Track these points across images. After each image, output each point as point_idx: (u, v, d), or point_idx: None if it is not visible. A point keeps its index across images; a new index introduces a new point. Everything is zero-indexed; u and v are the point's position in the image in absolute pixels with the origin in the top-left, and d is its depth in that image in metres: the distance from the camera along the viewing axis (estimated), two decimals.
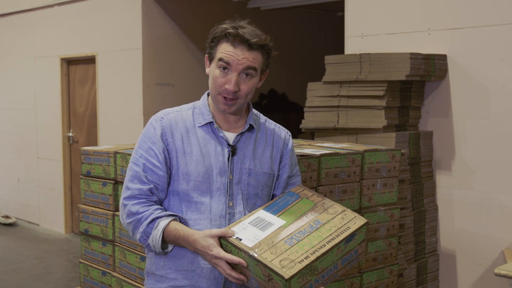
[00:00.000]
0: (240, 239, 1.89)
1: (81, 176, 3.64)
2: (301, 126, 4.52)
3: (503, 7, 3.97)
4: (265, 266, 1.80)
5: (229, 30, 2.02)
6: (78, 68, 7.35)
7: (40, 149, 7.87)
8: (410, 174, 4.16)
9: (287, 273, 1.77)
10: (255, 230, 1.93)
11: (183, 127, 2.10)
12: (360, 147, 3.39)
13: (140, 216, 2.02)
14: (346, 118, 4.24)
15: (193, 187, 2.06)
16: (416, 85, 4.32)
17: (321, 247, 1.87)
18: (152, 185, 2.05)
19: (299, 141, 3.83)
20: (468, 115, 4.19)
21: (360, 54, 4.20)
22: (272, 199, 2.21)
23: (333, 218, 2.00)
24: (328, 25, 8.22)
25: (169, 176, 2.08)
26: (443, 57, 4.23)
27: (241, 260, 1.85)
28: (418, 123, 4.45)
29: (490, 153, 4.07)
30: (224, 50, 2.02)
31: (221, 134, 2.10)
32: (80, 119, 7.38)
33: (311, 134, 4.70)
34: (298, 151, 3.11)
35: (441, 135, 4.36)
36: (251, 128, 2.17)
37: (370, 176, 3.29)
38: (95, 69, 6.92)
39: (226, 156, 2.10)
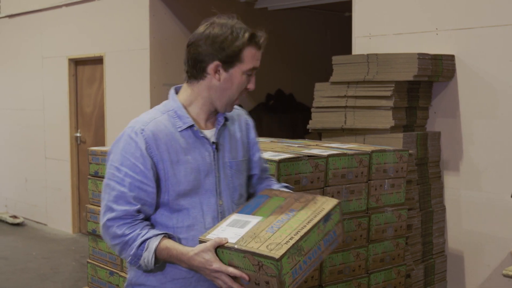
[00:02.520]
0: None
1: (89, 176, 3.65)
2: (308, 126, 4.52)
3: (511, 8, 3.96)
4: (253, 254, 1.81)
5: (256, 34, 2.03)
6: (85, 69, 7.37)
7: (48, 149, 7.89)
8: (417, 175, 4.14)
9: (277, 253, 1.79)
10: (235, 229, 1.93)
11: (165, 135, 1.99)
12: (368, 148, 3.38)
13: (127, 238, 1.93)
14: (353, 119, 4.24)
15: (183, 195, 2.01)
16: (423, 85, 4.31)
17: (302, 227, 1.91)
18: (139, 205, 1.96)
19: (306, 142, 3.83)
20: (476, 115, 4.17)
21: (367, 55, 4.19)
22: (252, 178, 2.28)
23: (306, 204, 2.04)
24: (335, 25, 8.20)
25: (158, 188, 1.99)
26: (451, 58, 4.22)
27: (243, 274, 1.83)
28: (425, 124, 4.44)
29: (498, 154, 4.05)
30: (253, 56, 2.02)
31: (202, 135, 2.05)
32: (87, 119, 7.40)
33: (319, 135, 4.69)
34: (306, 151, 3.11)
35: (449, 135, 4.34)
36: (225, 120, 2.15)
37: (378, 177, 3.28)
38: (103, 69, 6.93)
39: (212, 155, 2.07)
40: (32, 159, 8.18)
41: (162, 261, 1.96)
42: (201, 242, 1.90)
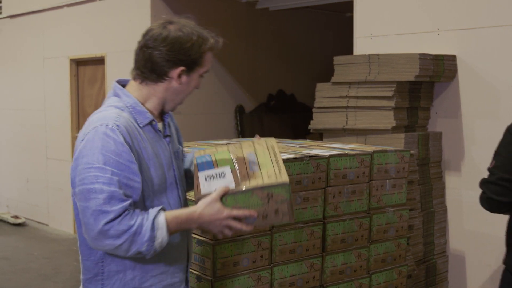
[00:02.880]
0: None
1: None
2: (309, 126, 4.52)
3: None
4: (263, 187, 1.93)
5: (217, 40, 2.06)
6: (87, 69, 7.38)
7: (49, 150, 7.90)
8: (419, 175, 4.14)
9: (284, 178, 1.95)
10: (220, 180, 1.99)
11: (133, 130, 1.96)
12: (369, 148, 3.38)
13: (134, 228, 1.85)
14: (354, 119, 4.23)
15: (155, 191, 2.01)
16: (425, 85, 4.31)
17: (277, 160, 2.05)
18: (131, 199, 1.88)
19: (307, 142, 3.83)
20: (478, 115, 4.17)
21: (369, 55, 4.19)
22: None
23: (253, 144, 2.17)
24: (337, 25, 8.20)
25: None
26: (453, 58, 4.21)
27: (251, 212, 1.94)
28: (427, 124, 4.44)
29: None
30: (209, 59, 2.06)
31: (158, 129, 2.07)
32: None
33: (320, 135, 4.69)
34: (307, 151, 3.11)
35: (450, 136, 4.34)
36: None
37: (379, 177, 3.28)
38: (104, 69, 6.94)
39: (168, 148, 2.10)
40: (33, 159, 8.19)
41: (172, 234, 1.94)
42: (198, 200, 1.96)
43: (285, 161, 2.82)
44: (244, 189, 1.93)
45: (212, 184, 1.98)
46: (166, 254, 2.04)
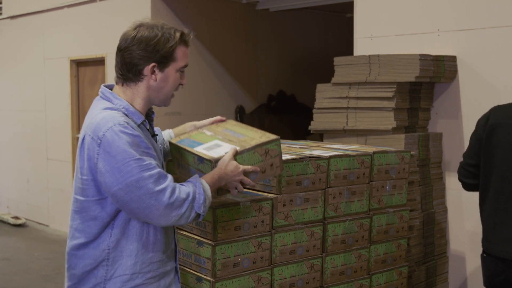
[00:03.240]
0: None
1: None
2: (310, 127, 4.52)
3: None
4: (261, 145, 2.32)
5: (185, 33, 2.17)
6: (87, 70, 7.38)
7: (50, 151, 7.90)
8: (419, 176, 4.14)
9: (273, 135, 2.39)
10: (219, 148, 2.29)
11: (136, 128, 2.13)
12: (369, 149, 3.38)
13: (191, 195, 2.08)
14: (355, 120, 4.23)
15: None
16: (425, 86, 4.31)
17: (251, 128, 2.45)
18: (170, 175, 2.11)
19: (308, 143, 3.83)
20: (478, 116, 4.13)
21: (369, 56, 4.19)
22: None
23: (220, 125, 2.54)
24: (337, 26, 8.20)
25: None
26: (453, 59, 4.21)
27: (256, 167, 2.29)
28: (427, 125, 4.44)
29: None
30: (184, 54, 2.19)
31: (147, 128, 2.23)
32: None
33: (320, 136, 4.69)
34: (307, 152, 3.11)
35: (451, 136, 4.34)
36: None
37: (380, 178, 3.28)
38: (105, 70, 6.94)
39: (158, 146, 2.29)
40: (34, 160, 8.19)
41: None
42: (208, 160, 2.22)
43: (286, 162, 2.82)
44: (249, 147, 2.27)
45: (217, 151, 2.26)
46: (163, 244, 2.23)
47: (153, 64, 2.13)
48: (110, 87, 2.22)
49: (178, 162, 2.43)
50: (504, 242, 2.83)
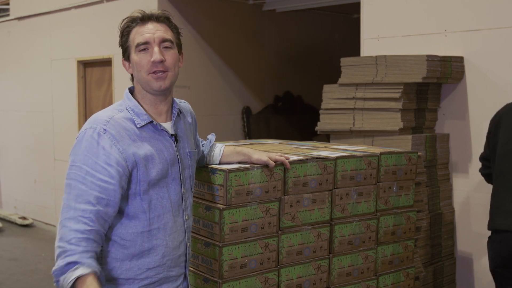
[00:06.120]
0: None
1: None
2: (316, 128, 4.51)
3: None
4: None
5: (134, 15, 2.18)
6: (94, 71, 7.40)
7: (57, 151, 7.93)
8: (426, 177, 4.13)
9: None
10: None
11: (126, 131, 2.09)
12: (376, 150, 3.37)
13: (68, 248, 1.90)
14: (362, 121, 4.23)
15: (153, 185, 2.13)
16: (432, 87, 4.30)
17: None
18: (98, 207, 1.97)
19: (314, 143, 3.83)
20: (485, 117, 4.15)
21: (376, 56, 4.18)
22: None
23: None
24: (344, 27, 8.20)
25: (129, 181, 2.07)
26: (460, 59, 4.20)
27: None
28: (434, 126, 4.43)
29: None
30: (137, 33, 2.16)
31: (162, 128, 2.19)
32: None
33: (327, 137, 4.69)
34: (314, 153, 3.11)
35: (458, 137, 4.33)
36: (178, 112, 2.31)
37: (387, 179, 3.27)
38: (112, 71, 6.96)
39: (173, 146, 2.22)
40: (41, 160, 8.22)
41: None
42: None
43: (292, 163, 2.82)
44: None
45: None
46: (163, 248, 2.17)
47: (122, 59, 2.24)
48: (133, 89, 2.28)
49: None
50: (505, 214, 3.07)
